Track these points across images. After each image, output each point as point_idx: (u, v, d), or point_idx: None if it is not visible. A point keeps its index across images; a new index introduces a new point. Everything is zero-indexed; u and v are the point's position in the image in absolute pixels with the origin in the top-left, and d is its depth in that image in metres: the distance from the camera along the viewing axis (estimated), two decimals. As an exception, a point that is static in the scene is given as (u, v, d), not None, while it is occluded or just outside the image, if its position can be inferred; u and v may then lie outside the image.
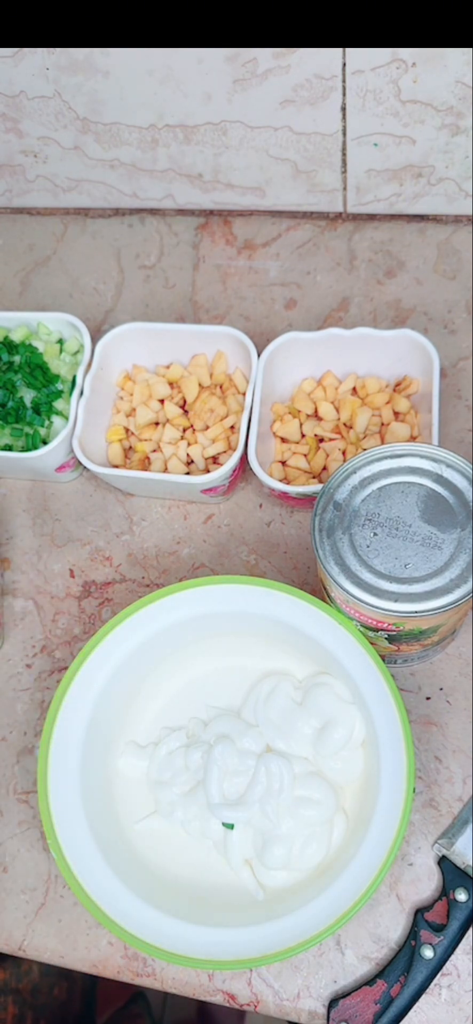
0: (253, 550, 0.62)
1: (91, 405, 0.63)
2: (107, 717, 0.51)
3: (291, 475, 0.61)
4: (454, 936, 0.46)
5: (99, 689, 0.50)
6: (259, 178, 0.74)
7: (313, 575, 0.60)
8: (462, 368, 0.66)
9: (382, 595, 0.45)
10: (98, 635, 0.51)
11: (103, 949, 0.50)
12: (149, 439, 0.65)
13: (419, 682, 0.54)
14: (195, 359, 0.66)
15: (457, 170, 0.69)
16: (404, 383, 0.62)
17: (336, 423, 0.62)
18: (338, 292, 0.72)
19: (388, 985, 0.46)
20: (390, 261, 0.73)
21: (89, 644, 0.51)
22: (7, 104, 0.73)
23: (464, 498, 0.46)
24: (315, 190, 0.74)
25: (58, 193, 0.80)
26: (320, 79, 0.65)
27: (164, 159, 0.74)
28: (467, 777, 0.51)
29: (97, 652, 0.51)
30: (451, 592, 0.44)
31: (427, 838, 0.50)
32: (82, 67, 0.68)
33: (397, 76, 0.63)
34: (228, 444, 0.63)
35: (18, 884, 0.53)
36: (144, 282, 0.77)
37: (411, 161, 0.69)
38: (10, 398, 0.65)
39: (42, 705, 0.58)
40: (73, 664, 0.51)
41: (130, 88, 0.69)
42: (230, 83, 0.67)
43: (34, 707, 0.58)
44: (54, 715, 0.49)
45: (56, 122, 0.73)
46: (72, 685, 0.50)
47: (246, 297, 0.73)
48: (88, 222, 0.81)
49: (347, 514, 0.47)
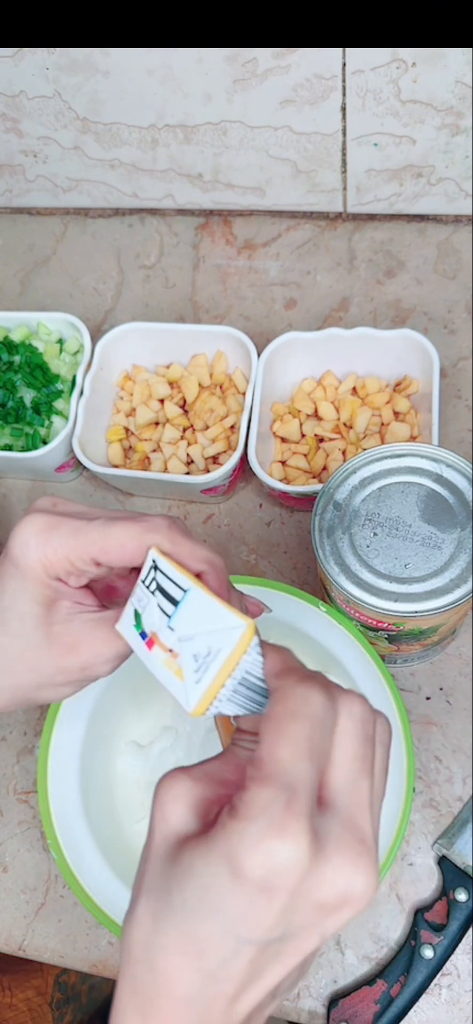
0: (253, 550, 0.62)
1: (91, 405, 0.63)
2: (107, 717, 0.51)
3: (291, 475, 0.61)
4: (454, 936, 0.46)
5: (99, 689, 0.50)
6: (259, 178, 0.74)
7: (313, 575, 0.60)
8: (462, 368, 0.66)
9: (382, 595, 0.45)
10: (98, 635, 0.51)
11: (103, 949, 0.50)
12: (149, 439, 0.65)
13: (419, 682, 0.54)
14: (195, 359, 0.66)
15: (457, 170, 0.69)
16: (404, 383, 0.62)
17: (336, 423, 0.62)
18: (338, 292, 0.72)
19: (388, 985, 0.46)
20: (390, 261, 0.73)
21: (89, 644, 0.51)
22: (7, 104, 0.73)
23: (464, 498, 0.46)
24: (315, 190, 0.74)
25: (58, 193, 0.80)
26: (320, 79, 0.65)
27: (164, 159, 0.74)
28: (467, 777, 0.51)
29: (97, 652, 0.51)
30: (451, 592, 0.44)
31: (427, 838, 0.50)
32: (82, 67, 0.68)
33: (397, 76, 0.63)
34: (228, 444, 0.63)
35: (18, 884, 0.53)
36: (144, 282, 0.77)
37: (411, 161, 0.69)
38: (10, 398, 0.65)
39: (42, 705, 0.58)
40: (73, 664, 0.51)
41: (130, 88, 0.69)
42: (230, 83, 0.67)
43: (34, 707, 0.58)
44: (54, 715, 0.49)
45: (56, 122, 0.73)
46: (72, 685, 0.50)
47: (246, 297, 0.73)
48: (88, 222, 0.81)
49: (347, 514, 0.47)
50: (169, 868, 0.26)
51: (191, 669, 0.29)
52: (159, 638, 0.31)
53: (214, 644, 0.29)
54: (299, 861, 0.24)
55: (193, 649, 0.29)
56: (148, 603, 0.32)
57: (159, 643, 0.31)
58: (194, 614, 0.30)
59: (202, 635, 0.29)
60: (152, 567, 0.32)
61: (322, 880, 0.24)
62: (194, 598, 0.30)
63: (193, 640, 0.29)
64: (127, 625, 0.33)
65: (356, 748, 0.27)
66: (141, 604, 0.32)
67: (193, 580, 0.31)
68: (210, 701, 0.29)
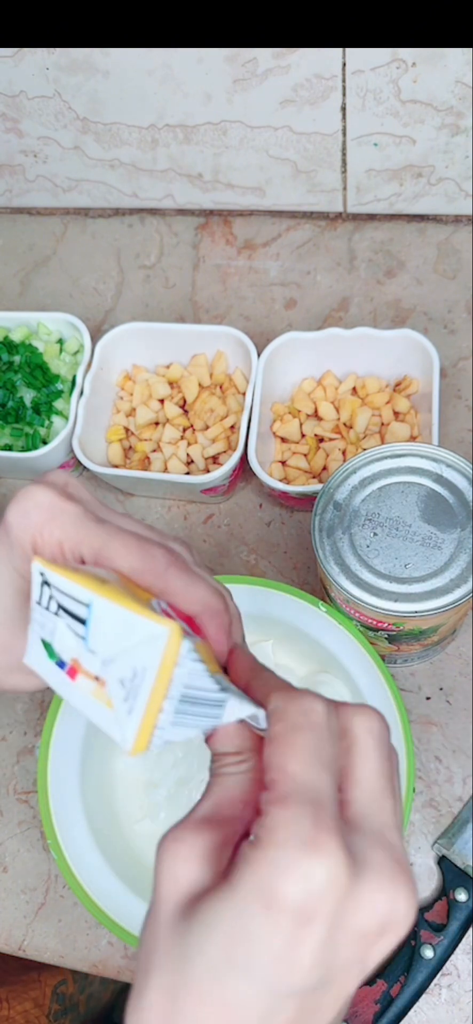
0: (253, 550, 0.62)
1: (91, 405, 0.63)
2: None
3: (291, 475, 0.61)
4: (454, 936, 0.46)
5: (99, 689, 0.50)
6: (259, 178, 0.74)
7: (313, 575, 0.60)
8: (462, 368, 0.66)
9: (382, 595, 0.45)
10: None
11: (103, 949, 0.50)
12: (149, 439, 0.65)
13: (419, 682, 0.54)
14: (195, 359, 0.66)
15: (457, 170, 0.69)
16: (404, 383, 0.62)
17: (336, 423, 0.62)
18: (338, 292, 0.72)
19: (388, 985, 0.46)
20: (390, 261, 0.73)
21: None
22: (7, 104, 0.73)
23: (464, 498, 0.46)
24: (315, 190, 0.74)
25: (58, 193, 0.80)
26: (320, 79, 0.65)
27: (164, 159, 0.74)
28: (467, 777, 0.51)
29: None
30: (451, 592, 0.44)
31: (427, 838, 0.50)
32: (82, 67, 0.68)
33: (397, 76, 0.63)
34: (228, 444, 0.63)
35: (18, 884, 0.53)
36: (144, 282, 0.77)
37: (411, 161, 0.69)
38: (10, 398, 0.65)
39: (42, 705, 0.58)
40: (73, 664, 0.51)
41: (130, 88, 0.69)
42: (230, 83, 0.67)
43: (34, 707, 0.58)
44: (54, 715, 0.49)
45: (56, 122, 0.73)
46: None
47: (246, 297, 0.73)
48: (88, 222, 0.81)
49: (347, 514, 0.47)
50: (184, 933, 0.23)
51: (120, 698, 0.23)
52: (81, 665, 0.25)
53: (138, 662, 0.23)
54: (338, 878, 0.21)
55: (117, 673, 0.24)
56: (55, 627, 0.26)
57: (83, 671, 0.25)
58: (107, 630, 0.24)
59: (122, 654, 0.24)
60: (43, 583, 0.26)
61: (361, 904, 0.22)
62: (100, 611, 0.24)
63: (115, 662, 0.24)
64: (38, 657, 0.27)
65: (380, 764, 0.25)
66: (47, 630, 0.26)
67: (93, 586, 0.24)
68: (150, 732, 0.24)
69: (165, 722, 0.23)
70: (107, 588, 0.24)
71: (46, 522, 0.30)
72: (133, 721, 0.23)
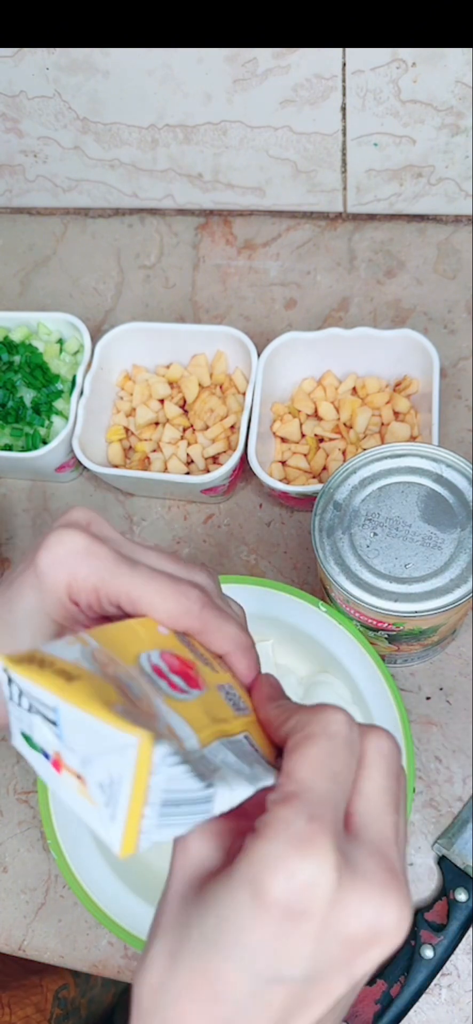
0: (253, 550, 0.62)
1: (91, 405, 0.63)
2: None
3: (291, 475, 0.61)
4: (454, 936, 0.46)
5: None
6: (259, 178, 0.74)
7: (313, 575, 0.60)
8: (462, 368, 0.66)
9: (382, 595, 0.45)
10: (98, 635, 0.51)
11: (103, 949, 0.50)
12: (149, 439, 0.65)
13: (419, 682, 0.54)
14: (195, 359, 0.66)
15: (457, 170, 0.69)
16: (404, 383, 0.62)
17: (336, 423, 0.62)
18: (338, 292, 0.72)
19: (388, 985, 0.46)
20: (390, 261, 0.73)
21: (89, 644, 0.51)
22: (7, 104, 0.73)
23: (464, 498, 0.46)
24: (315, 190, 0.74)
25: (58, 193, 0.80)
26: (320, 79, 0.65)
27: (164, 159, 0.74)
28: (467, 777, 0.51)
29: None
30: (451, 592, 0.44)
31: (427, 838, 0.50)
32: (82, 67, 0.68)
33: (397, 76, 0.63)
34: (228, 444, 0.63)
35: (18, 884, 0.53)
36: (144, 282, 0.77)
37: (411, 161, 0.69)
38: (10, 398, 0.65)
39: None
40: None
41: (130, 88, 0.69)
42: (230, 83, 0.67)
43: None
44: (54, 715, 0.49)
45: (56, 122, 0.73)
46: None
47: (246, 297, 0.73)
48: (88, 222, 0.81)
49: (347, 514, 0.47)
50: (190, 905, 0.24)
51: (102, 802, 0.23)
52: (63, 760, 0.24)
53: (113, 769, 0.22)
54: (326, 880, 0.22)
55: (96, 776, 0.23)
56: (32, 722, 0.24)
57: (65, 767, 0.24)
58: (78, 734, 0.23)
59: (97, 757, 0.23)
60: (9, 680, 0.24)
61: (349, 910, 0.22)
62: (68, 716, 0.23)
63: (92, 764, 0.23)
64: (22, 745, 0.25)
65: (386, 782, 0.25)
66: (25, 724, 0.25)
67: (58, 689, 0.23)
68: (135, 837, 0.23)
69: (149, 827, 0.23)
70: (73, 689, 0.23)
71: (79, 569, 0.30)
72: (117, 828, 0.23)
